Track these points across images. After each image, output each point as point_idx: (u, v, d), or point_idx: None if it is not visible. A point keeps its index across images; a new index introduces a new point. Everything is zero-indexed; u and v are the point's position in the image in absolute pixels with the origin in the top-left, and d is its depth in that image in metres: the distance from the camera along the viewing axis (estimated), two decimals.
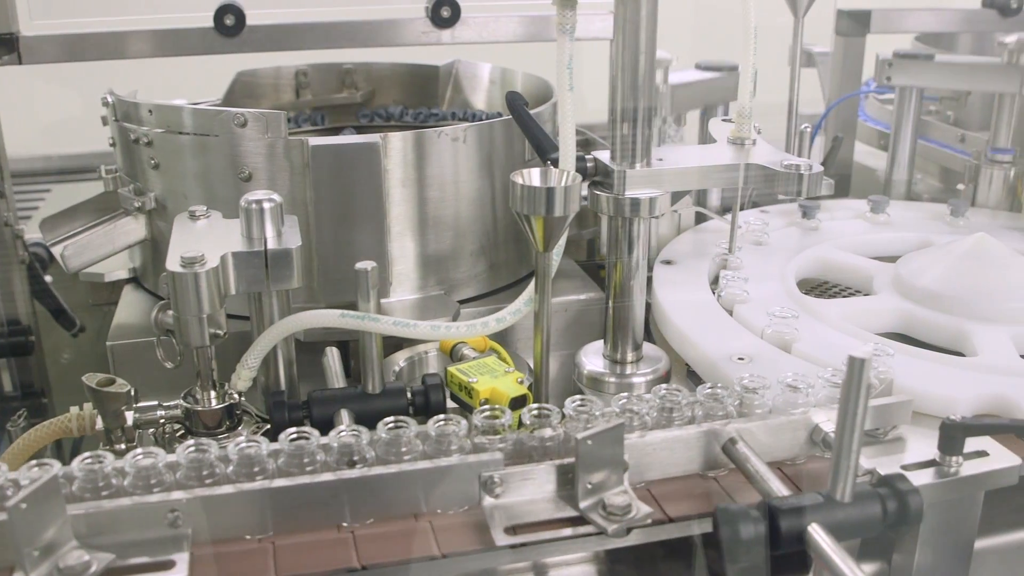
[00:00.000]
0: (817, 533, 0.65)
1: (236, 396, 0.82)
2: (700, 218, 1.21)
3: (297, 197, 1.01)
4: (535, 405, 0.74)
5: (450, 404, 0.84)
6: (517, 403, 0.79)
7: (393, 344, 1.00)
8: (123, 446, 0.80)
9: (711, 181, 0.87)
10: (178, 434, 0.83)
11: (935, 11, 1.42)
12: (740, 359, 0.87)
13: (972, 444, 0.78)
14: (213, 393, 0.82)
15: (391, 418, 0.71)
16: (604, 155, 0.86)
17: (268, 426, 0.82)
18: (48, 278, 1.31)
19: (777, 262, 1.08)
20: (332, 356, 0.89)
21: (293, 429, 0.70)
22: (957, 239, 1.02)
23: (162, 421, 0.82)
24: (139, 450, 0.69)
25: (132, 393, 0.79)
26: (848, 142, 1.44)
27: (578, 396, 0.75)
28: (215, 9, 1.19)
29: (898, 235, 1.18)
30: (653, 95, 0.83)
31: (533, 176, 0.78)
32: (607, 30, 1.24)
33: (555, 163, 0.85)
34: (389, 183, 1.03)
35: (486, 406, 0.73)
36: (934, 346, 0.95)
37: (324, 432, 0.71)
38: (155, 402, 0.82)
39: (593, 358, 0.92)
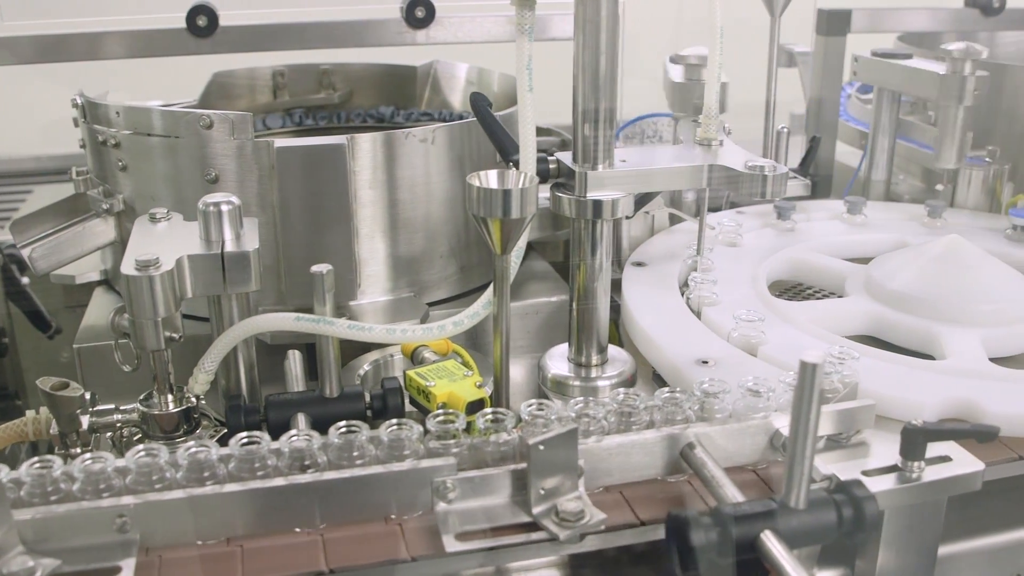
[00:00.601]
0: (769, 540, 0.65)
1: (193, 400, 0.82)
2: (675, 219, 1.20)
3: (264, 199, 1.01)
4: (490, 409, 0.73)
5: (410, 408, 0.83)
6: (474, 407, 0.78)
7: (361, 347, 1.00)
8: (78, 450, 0.79)
9: (674, 183, 0.86)
10: (135, 438, 0.82)
11: (916, 10, 1.41)
12: (704, 363, 0.86)
13: (938, 449, 0.77)
14: (170, 397, 0.81)
15: (343, 423, 0.71)
16: (567, 156, 0.85)
17: (226, 430, 0.81)
18: (25, 280, 1.31)
19: (749, 264, 1.07)
20: (294, 359, 0.88)
21: (244, 434, 0.69)
22: (930, 240, 1.01)
23: (119, 425, 0.81)
24: (88, 455, 0.68)
25: (87, 397, 0.79)
26: (829, 142, 1.43)
27: (535, 400, 0.74)
28: (187, 10, 1.18)
29: (873, 236, 1.17)
30: (615, 96, 0.82)
31: (490, 178, 0.77)
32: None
33: (518, 164, 0.85)
34: (357, 185, 1.02)
35: (439, 411, 0.72)
36: (907, 349, 0.94)
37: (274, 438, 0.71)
38: (112, 405, 0.82)
39: (558, 361, 0.91)
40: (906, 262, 0.99)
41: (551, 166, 0.85)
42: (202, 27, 1.19)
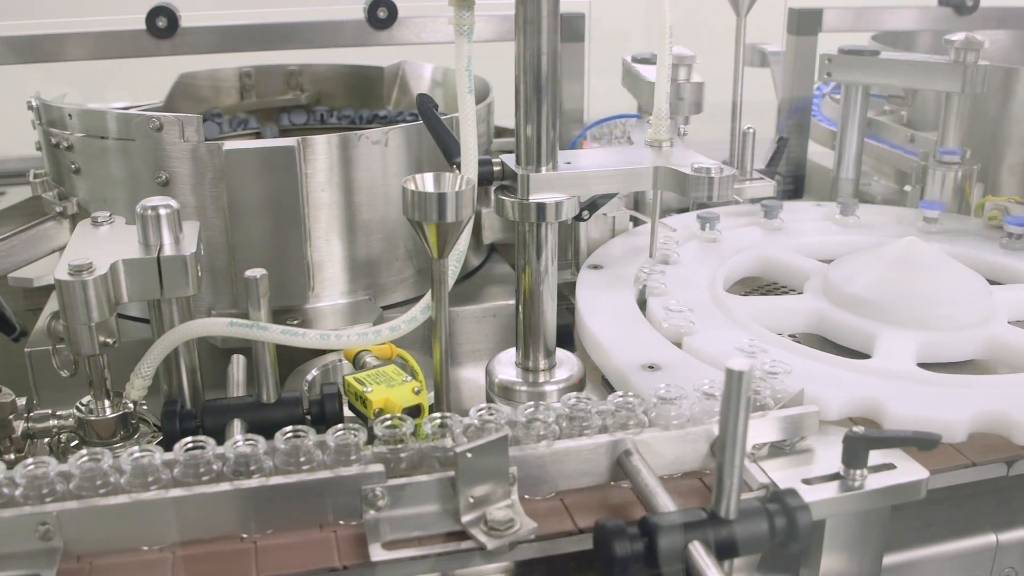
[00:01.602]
0: (697, 551, 0.63)
1: (131, 405, 0.81)
2: (640, 221, 1.19)
3: (216, 202, 1.00)
4: (439, 415, 0.72)
5: (348, 414, 0.82)
6: (411, 413, 0.77)
7: (312, 351, 0.98)
8: (12, 456, 0.78)
9: (618, 185, 0.85)
10: (73, 444, 0.81)
11: (889, 9, 1.40)
12: (651, 367, 0.85)
13: (884, 456, 0.76)
14: (107, 402, 0.80)
15: (289, 428, 0.69)
16: (511, 158, 0.84)
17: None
18: None
19: (709, 266, 1.05)
20: (236, 364, 0.87)
21: (189, 439, 0.68)
22: (890, 242, 1.00)
23: (55, 431, 0.80)
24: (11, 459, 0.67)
25: (18, 402, 0.78)
26: (801, 143, 1.41)
27: (484, 405, 0.73)
28: (147, 11, 1.18)
29: (858, 239, 1.15)
30: (558, 97, 0.81)
31: (426, 181, 0.76)
32: None
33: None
34: (310, 187, 1.01)
35: (386, 416, 0.71)
36: (851, 350, 0.94)
37: (219, 443, 0.70)
38: (48, 411, 0.81)
39: (506, 367, 0.90)
40: (864, 263, 0.98)
41: (495, 168, 0.84)
42: (162, 28, 1.18)
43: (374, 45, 1.24)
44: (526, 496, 0.73)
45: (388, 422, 0.71)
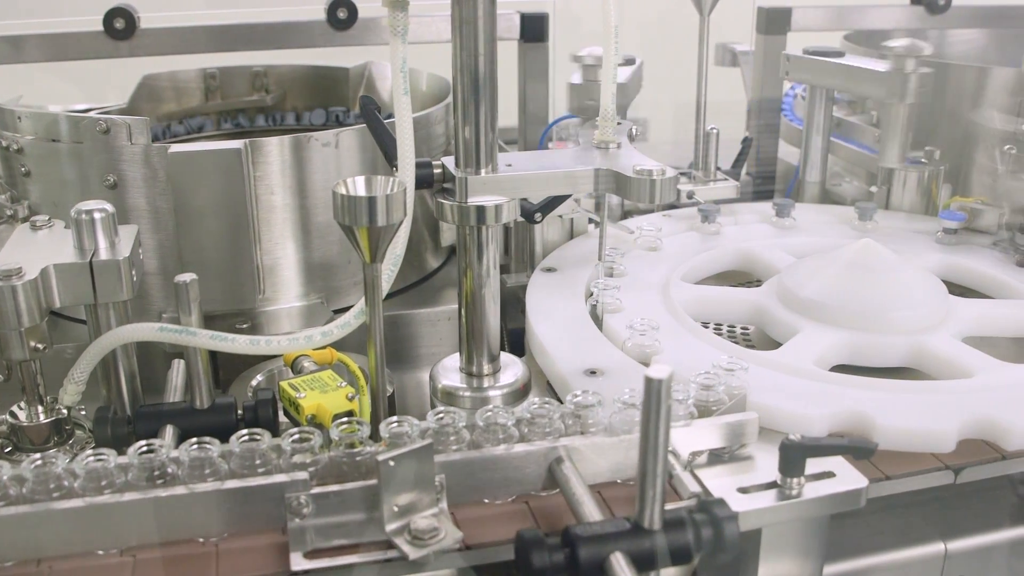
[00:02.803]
0: (618, 563, 0.62)
1: (64, 411, 0.80)
2: (598, 222, 1.17)
3: (163, 205, 0.99)
4: (345, 419, 0.71)
5: (284, 419, 0.81)
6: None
7: (260, 356, 0.97)
8: None
9: (559, 187, 0.84)
10: (6, 450, 0.80)
11: (860, 8, 1.38)
12: (592, 373, 0.84)
13: (825, 464, 0.75)
14: (40, 408, 0.80)
15: (194, 439, 0.69)
16: (451, 161, 0.83)
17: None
18: None
19: (664, 269, 1.04)
20: (176, 369, 0.87)
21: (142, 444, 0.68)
22: (846, 244, 0.98)
23: None
24: None
25: None
26: (771, 142, 1.40)
27: (393, 418, 0.72)
28: (104, 12, 1.17)
29: (799, 240, 1.14)
30: (495, 98, 0.80)
31: (357, 185, 0.74)
32: None
33: None
34: (259, 190, 1.00)
35: (294, 428, 0.70)
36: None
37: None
38: None
39: (450, 372, 0.89)
40: (818, 267, 0.96)
41: (436, 171, 0.83)
42: (120, 29, 1.17)
43: (336, 46, 1.23)
44: (456, 504, 0.72)
45: (296, 436, 0.70)
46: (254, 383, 0.92)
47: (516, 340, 1.03)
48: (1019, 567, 0.84)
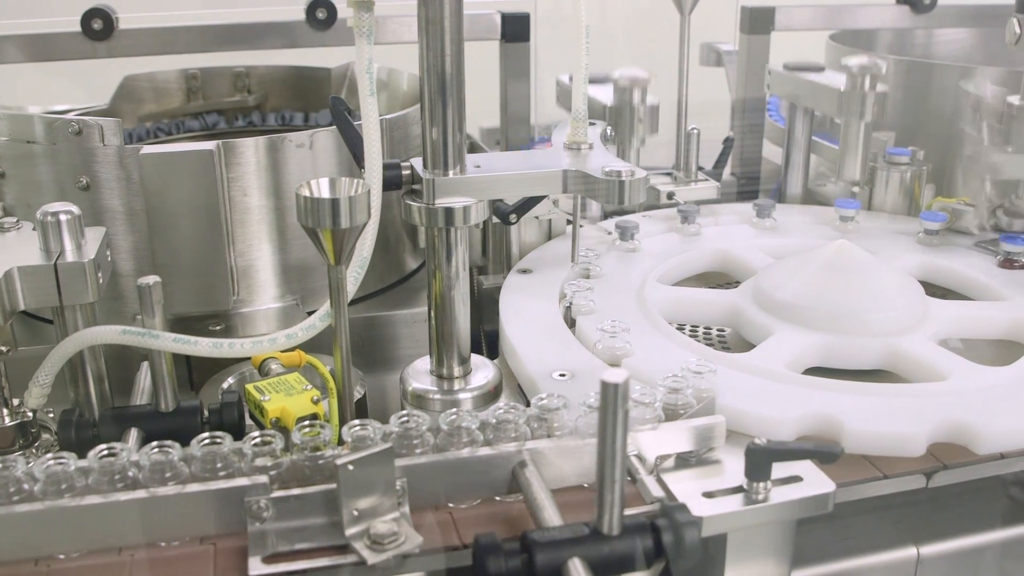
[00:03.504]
0: (576, 568, 0.61)
1: (30, 414, 0.80)
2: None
3: (137, 206, 0.99)
4: (308, 423, 0.71)
5: (250, 422, 0.80)
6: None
7: (232, 359, 0.97)
8: None
9: (527, 189, 0.83)
10: None
11: (845, 8, 1.37)
12: (562, 375, 0.83)
13: (792, 468, 0.74)
14: (5, 411, 0.79)
15: (155, 442, 0.68)
16: (419, 162, 0.82)
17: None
18: None
19: (641, 271, 1.03)
20: (144, 372, 0.86)
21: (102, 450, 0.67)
22: (822, 246, 0.97)
23: None
24: None
25: None
26: (756, 142, 1.39)
27: (356, 422, 0.71)
28: (82, 13, 1.16)
29: (779, 241, 1.13)
30: (462, 99, 0.79)
31: (321, 187, 0.74)
32: None
33: None
34: (233, 191, 1.00)
35: (256, 432, 0.69)
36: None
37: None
38: None
39: (420, 375, 0.88)
40: (793, 269, 0.96)
41: (404, 172, 0.83)
42: (98, 30, 1.16)
43: (316, 46, 1.22)
44: (419, 509, 0.71)
45: (258, 439, 0.70)
46: (224, 386, 0.92)
47: (493, 342, 1.02)
48: (992, 571, 0.83)
